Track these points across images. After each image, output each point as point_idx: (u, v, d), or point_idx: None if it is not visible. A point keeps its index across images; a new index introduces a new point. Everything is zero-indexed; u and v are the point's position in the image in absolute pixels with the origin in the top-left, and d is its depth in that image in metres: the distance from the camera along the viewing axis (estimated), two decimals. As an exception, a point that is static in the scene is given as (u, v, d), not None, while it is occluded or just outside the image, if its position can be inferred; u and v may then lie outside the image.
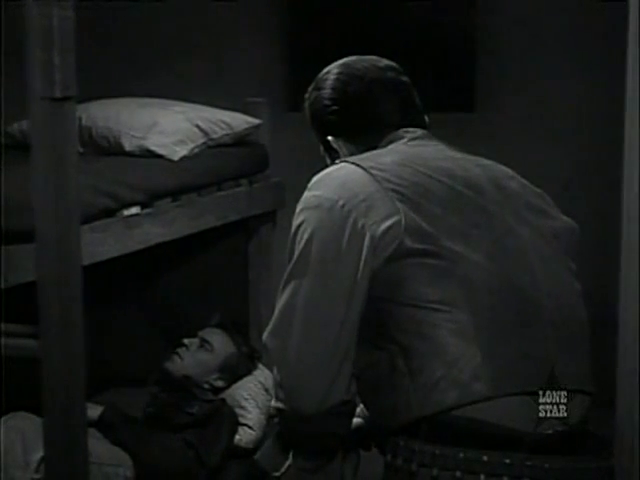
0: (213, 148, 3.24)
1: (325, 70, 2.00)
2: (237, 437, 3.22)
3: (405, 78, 1.98)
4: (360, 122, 1.94)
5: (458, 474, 1.62)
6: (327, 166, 1.91)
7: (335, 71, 1.97)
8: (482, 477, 1.62)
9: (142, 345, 3.60)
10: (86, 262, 1.99)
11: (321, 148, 2.02)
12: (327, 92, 1.96)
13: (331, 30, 4.09)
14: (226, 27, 4.20)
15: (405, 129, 1.92)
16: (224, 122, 3.29)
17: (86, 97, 2.70)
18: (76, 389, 1.68)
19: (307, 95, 2.01)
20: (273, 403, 1.78)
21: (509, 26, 4.13)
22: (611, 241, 2.44)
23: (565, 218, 1.88)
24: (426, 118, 1.99)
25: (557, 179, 3.42)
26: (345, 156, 1.93)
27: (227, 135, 3.30)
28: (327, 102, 1.95)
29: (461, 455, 1.63)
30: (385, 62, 1.98)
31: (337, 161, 1.86)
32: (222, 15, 4.17)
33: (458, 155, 1.88)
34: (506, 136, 4.07)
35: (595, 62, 4.00)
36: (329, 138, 1.96)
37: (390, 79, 1.96)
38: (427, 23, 4.10)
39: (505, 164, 1.92)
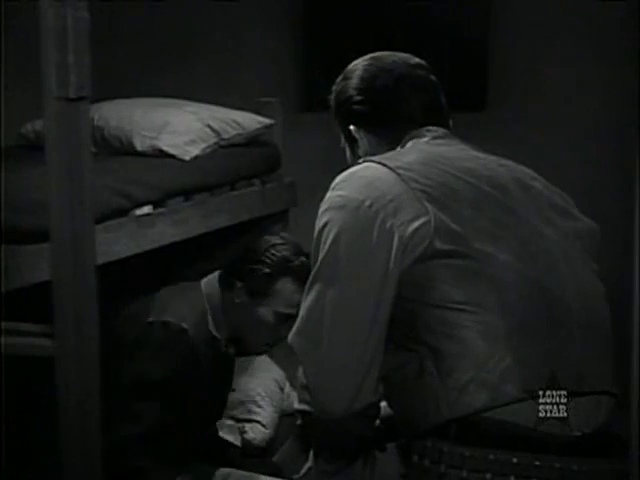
0: (225, 148, 3.24)
1: (355, 62, 2.00)
2: (251, 435, 3.22)
3: (434, 78, 1.98)
4: (384, 114, 1.93)
5: (488, 476, 1.61)
6: (347, 163, 1.91)
7: (365, 63, 1.98)
8: (512, 479, 1.61)
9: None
10: (100, 261, 2.00)
11: (342, 139, 2.01)
12: (355, 82, 1.96)
13: (344, 30, 4.09)
14: (239, 27, 4.21)
15: (427, 128, 1.91)
16: (236, 122, 3.29)
17: (99, 97, 2.71)
18: (91, 388, 1.69)
19: (334, 86, 2.01)
20: (296, 406, 1.77)
21: (520, 25, 4.13)
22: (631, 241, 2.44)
23: (587, 219, 1.88)
24: (450, 122, 1.98)
25: (570, 178, 3.42)
26: (365, 147, 1.94)
27: (239, 135, 3.30)
28: (353, 92, 1.95)
29: (491, 457, 1.62)
30: (416, 60, 1.99)
31: (360, 160, 1.85)
32: (235, 15, 4.17)
33: (481, 155, 1.87)
34: (518, 135, 4.06)
35: (609, 61, 3.99)
36: (351, 127, 1.96)
37: (419, 76, 1.96)
38: (439, 23, 4.10)
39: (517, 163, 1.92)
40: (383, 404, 1.88)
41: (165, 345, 2.47)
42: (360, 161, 1.85)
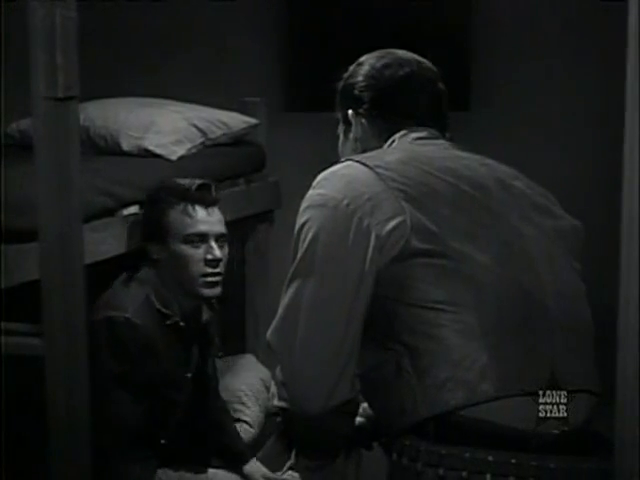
0: (210, 148, 3.25)
1: (371, 53, 2.02)
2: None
3: (442, 86, 1.99)
4: (384, 105, 1.95)
5: (464, 474, 1.63)
6: (330, 162, 1.92)
7: (379, 54, 2.00)
8: (488, 477, 1.62)
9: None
10: (87, 261, 2.00)
11: (339, 125, 2.02)
12: (365, 69, 1.98)
13: (329, 30, 4.10)
14: (224, 26, 4.21)
15: (415, 128, 1.93)
16: (221, 122, 3.30)
17: (84, 97, 2.71)
18: (80, 387, 1.68)
19: (345, 73, 2.02)
20: (276, 402, 1.78)
21: (504, 24, 4.15)
22: (615, 240, 2.44)
23: (570, 217, 1.89)
24: (447, 134, 1.99)
25: (554, 177, 3.45)
26: (357, 135, 1.96)
27: (224, 135, 3.31)
28: (361, 77, 1.97)
29: (467, 455, 1.63)
30: (429, 65, 2.01)
31: (342, 159, 1.87)
32: (220, 14, 4.18)
33: (463, 154, 1.88)
34: (501, 135, 4.08)
35: (592, 60, 4.01)
36: (349, 112, 1.98)
37: (427, 79, 1.98)
38: (422, 22, 4.11)
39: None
40: (366, 404, 1.89)
41: (114, 339, 2.50)
42: (342, 160, 1.87)
